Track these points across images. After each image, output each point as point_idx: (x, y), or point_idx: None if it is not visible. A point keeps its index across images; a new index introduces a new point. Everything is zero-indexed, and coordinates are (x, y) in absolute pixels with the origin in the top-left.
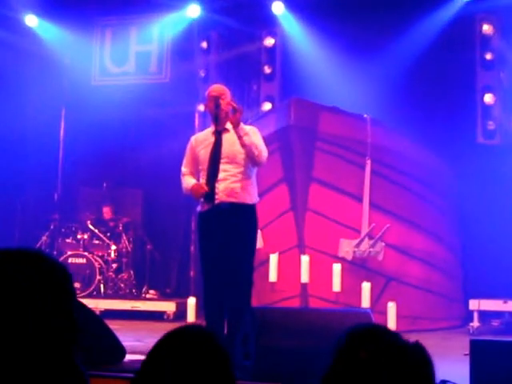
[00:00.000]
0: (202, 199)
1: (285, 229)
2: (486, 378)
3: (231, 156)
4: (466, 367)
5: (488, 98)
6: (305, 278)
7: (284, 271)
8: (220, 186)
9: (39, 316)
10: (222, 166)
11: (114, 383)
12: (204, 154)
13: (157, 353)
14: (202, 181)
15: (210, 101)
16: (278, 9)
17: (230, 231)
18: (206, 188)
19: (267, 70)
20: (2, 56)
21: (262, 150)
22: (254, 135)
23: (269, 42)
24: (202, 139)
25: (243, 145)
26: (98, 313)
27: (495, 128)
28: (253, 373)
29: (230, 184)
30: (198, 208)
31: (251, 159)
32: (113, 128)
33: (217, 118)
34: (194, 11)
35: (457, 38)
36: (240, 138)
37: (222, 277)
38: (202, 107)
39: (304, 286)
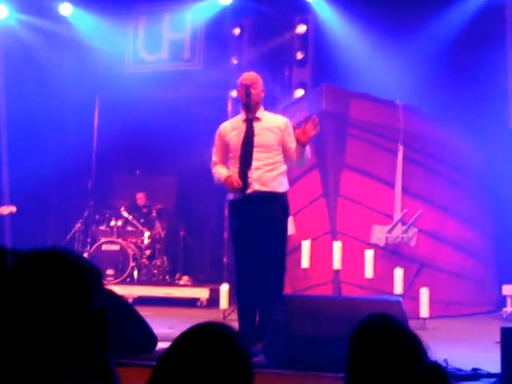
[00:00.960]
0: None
1: (317, 215)
2: None
3: (264, 145)
4: (498, 354)
5: None
6: (337, 264)
7: (316, 257)
8: (253, 175)
9: (64, 316)
10: (254, 155)
11: (145, 372)
12: (235, 141)
13: (177, 349)
14: (234, 169)
15: (241, 88)
16: None
17: (262, 220)
18: (240, 183)
19: (299, 55)
20: (37, 44)
21: (309, 157)
22: (290, 134)
23: (301, 28)
24: (232, 127)
25: (298, 156)
26: (131, 300)
27: None
28: (283, 361)
29: (263, 173)
30: (230, 196)
31: (293, 163)
32: (146, 116)
33: (248, 106)
34: None
35: (487, 23)
36: (300, 153)
37: (254, 265)
38: (234, 93)
39: (336, 272)
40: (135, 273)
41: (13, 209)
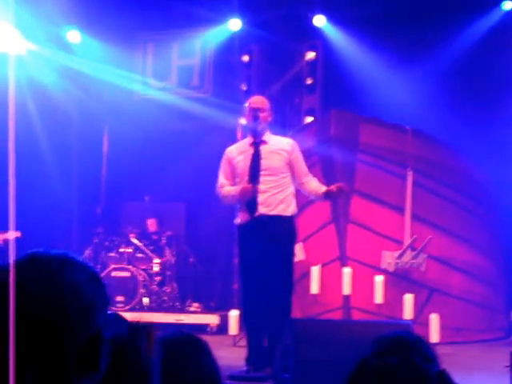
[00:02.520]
0: (242, 211)
1: (326, 241)
2: None
3: (271, 168)
4: (508, 380)
5: None
6: (347, 290)
7: (326, 283)
8: (260, 199)
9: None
10: (262, 178)
11: None
12: (243, 166)
13: None
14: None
15: (249, 112)
16: (320, 21)
17: (269, 243)
18: (250, 186)
19: (309, 81)
20: (45, 73)
21: None
22: (297, 154)
23: (310, 54)
24: (239, 151)
25: (312, 196)
26: None
27: None
28: None
29: (270, 196)
30: (238, 221)
31: (302, 191)
32: (155, 142)
33: (255, 131)
34: (235, 25)
35: (498, 48)
36: (316, 198)
37: (261, 289)
38: (243, 121)
39: (346, 298)
40: (145, 299)
41: (18, 234)
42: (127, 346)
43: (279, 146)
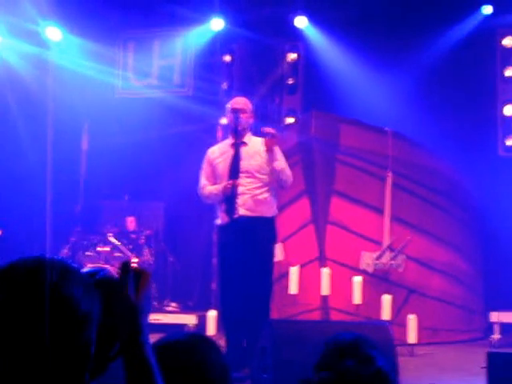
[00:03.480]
0: (222, 212)
1: (306, 241)
2: None
3: (250, 170)
4: (484, 379)
5: (508, 111)
6: (325, 290)
7: (305, 284)
8: (239, 200)
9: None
10: (241, 180)
11: None
12: (223, 167)
13: None
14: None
15: (230, 113)
16: (301, 23)
17: (249, 244)
18: (230, 182)
19: (290, 82)
20: (25, 70)
21: (289, 176)
22: (279, 154)
23: (292, 55)
24: (219, 152)
25: (273, 170)
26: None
27: None
28: None
29: (248, 198)
30: (218, 221)
31: (278, 183)
32: (135, 141)
33: (236, 131)
34: (217, 25)
35: (477, 51)
36: (272, 161)
37: (240, 289)
38: (224, 120)
39: (325, 298)
40: None
41: None
42: (117, 284)
43: (259, 147)
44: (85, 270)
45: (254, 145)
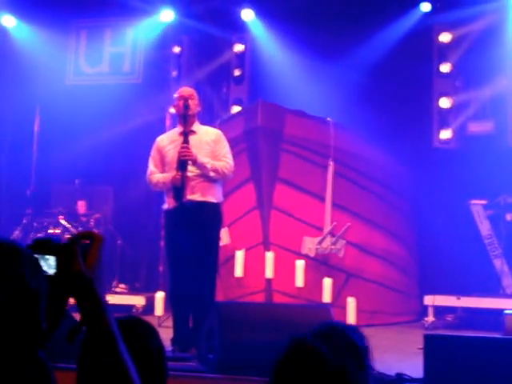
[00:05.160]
0: (170, 196)
1: (251, 226)
2: (438, 370)
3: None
4: (420, 360)
5: (443, 105)
6: (269, 273)
7: (250, 267)
8: (187, 185)
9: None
10: (189, 167)
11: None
12: (172, 154)
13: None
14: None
15: (179, 101)
16: (248, 16)
17: (195, 229)
18: (180, 174)
19: (237, 73)
20: None
21: (226, 170)
22: (221, 143)
23: (239, 47)
24: (168, 140)
25: (208, 175)
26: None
27: (450, 133)
28: (217, 366)
29: (197, 183)
30: (165, 206)
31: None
32: (85, 126)
33: (185, 118)
34: (167, 16)
35: (415, 46)
36: (203, 171)
37: (187, 272)
38: (172, 109)
39: (268, 281)
40: None
41: None
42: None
43: (208, 136)
44: (39, 236)
45: (203, 133)
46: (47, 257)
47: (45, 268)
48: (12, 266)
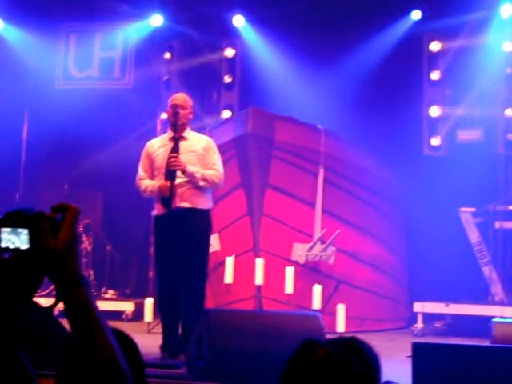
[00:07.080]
0: (159, 203)
1: (241, 232)
2: (426, 378)
3: (187, 163)
4: (409, 368)
5: (434, 113)
6: (259, 280)
7: (240, 273)
8: (177, 192)
9: None
10: (178, 173)
11: None
12: (161, 159)
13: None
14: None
15: (170, 108)
16: (239, 22)
17: (184, 235)
18: (168, 184)
19: (227, 79)
20: None
21: (215, 179)
22: (211, 151)
23: (229, 52)
24: (159, 145)
25: (197, 184)
26: (56, 312)
27: (440, 141)
28: (206, 373)
29: (186, 190)
30: (154, 212)
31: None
32: (75, 131)
33: (175, 126)
34: (157, 21)
35: (406, 55)
36: (192, 180)
37: (176, 279)
38: (164, 115)
39: (258, 287)
40: None
41: None
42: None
43: (198, 143)
44: (14, 209)
45: (193, 140)
46: (20, 230)
47: (17, 243)
48: None
